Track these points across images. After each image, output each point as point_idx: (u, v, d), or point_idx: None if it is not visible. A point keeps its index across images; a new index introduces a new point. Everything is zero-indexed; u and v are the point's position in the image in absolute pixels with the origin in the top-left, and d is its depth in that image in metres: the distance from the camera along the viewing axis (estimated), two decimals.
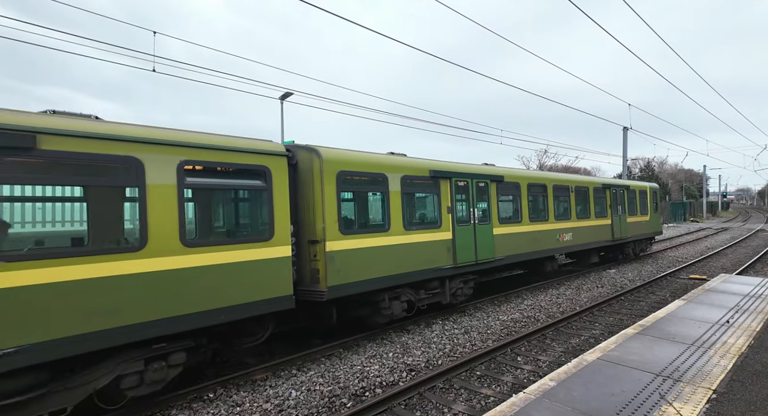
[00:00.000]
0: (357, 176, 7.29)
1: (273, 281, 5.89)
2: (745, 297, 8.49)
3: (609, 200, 14.82)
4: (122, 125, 4.92)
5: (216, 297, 5.26)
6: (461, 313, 9.43)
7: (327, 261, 6.50)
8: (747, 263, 15.85)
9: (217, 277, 5.30)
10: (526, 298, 10.81)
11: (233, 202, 6.78)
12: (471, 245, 9.10)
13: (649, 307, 9.76)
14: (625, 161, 27.25)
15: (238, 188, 6.29)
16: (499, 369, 6.42)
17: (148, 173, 4.84)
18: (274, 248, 5.94)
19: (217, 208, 6.78)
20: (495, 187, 10.05)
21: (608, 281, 12.91)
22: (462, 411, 5.08)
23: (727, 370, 4.82)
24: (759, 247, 21.35)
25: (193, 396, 5.53)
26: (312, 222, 6.66)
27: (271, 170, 6.01)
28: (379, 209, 8.00)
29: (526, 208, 10.96)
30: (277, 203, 6.04)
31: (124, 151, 4.70)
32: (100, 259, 4.43)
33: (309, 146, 6.84)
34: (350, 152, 7.42)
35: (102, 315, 4.38)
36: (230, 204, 6.82)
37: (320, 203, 6.56)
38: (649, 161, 58.90)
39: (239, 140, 5.84)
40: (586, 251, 14.24)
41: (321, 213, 6.55)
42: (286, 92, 16.44)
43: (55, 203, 5.86)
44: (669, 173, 68.27)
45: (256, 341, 6.22)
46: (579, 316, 9.02)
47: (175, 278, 4.94)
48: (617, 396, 4.23)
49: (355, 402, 5.37)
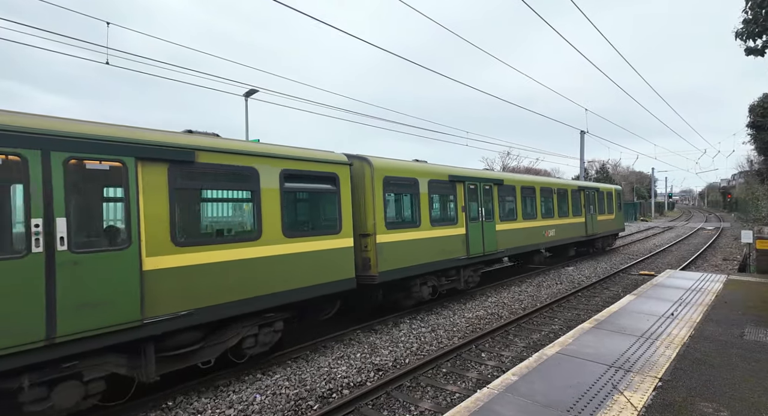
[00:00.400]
0: (397, 181, 8.66)
1: (342, 266, 7.26)
2: (687, 291, 9.15)
3: (583, 200, 16.80)
4: (245, 143, 6.43)
5: (305, 277, 6.60)
6: (428, 312, 9.58)
7: (377, 251, 7.86)
8: (689, 260, 17.12)
9: (305, 261, 6.62)
10: (490, 296, 11.13)
11: (312, 202, 7.98)
12: (480, 240, 10.65)
13: (603, 302, 10.31)
14: (583, 163, 28.61)
15: (316, 191, 7.46)
16: (465, 365, 6.57)
17: (262, 179, 6.16)
18: (342, 239, 7.30)
19: (302, 207, 7.96)
20: (497, 189, 11.69)
21: (566, 278, 13.52)
22: (428, 409, 5.16)
23: (671, 359, 5.18)
24: (699, 244, 23.09)
25: (151, 404, 5.28)
26: (363, 219, 7.97)
27: (339, 177, 7.36)
28: (412, 208, 9.24)
29: (520, 207, 12.71)
30: (343, 203, 7.39)
31: (247, 162, 6.00)
32: (238, 245, 5.79)
33: (361, 155, 8.20)
34: (391, 160, 8.84)
35: (237, 289, 5.66)
36: (310, 204, 8.00)
37: (371, 203, 7.93)
38: (604, 163, 62.30)
39: (317, 152, 7.22)
40: (565, 246, 16.16)
41: (372, 211, 7.91)
42: (251, 89, 16.02)
43: (207, 203, 6.93)
44: (622, 175, 72.35)
45: (327, 315, 7.69)
46: (540, 312, 9.39)
47: (279, 262, 6.25)
48: (574, 387, 4.44)
49: (321, 404, 5.33)
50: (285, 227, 6.39)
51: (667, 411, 3.90)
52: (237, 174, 5.93)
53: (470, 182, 10.54)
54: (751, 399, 4.13)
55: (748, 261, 13.58)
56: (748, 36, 13.15)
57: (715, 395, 4.23)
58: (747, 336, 6.06)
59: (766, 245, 12.00)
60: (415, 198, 9.10)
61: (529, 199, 13.54)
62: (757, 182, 25.16)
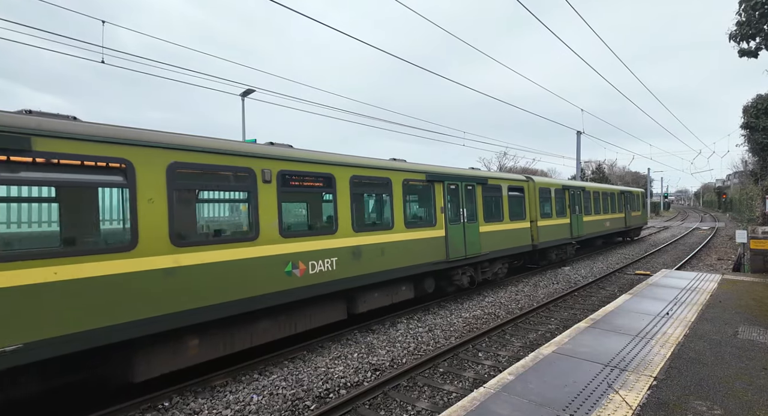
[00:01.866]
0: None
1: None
2: (682, 291, 9.22)
3: (624, 201, 23.36)
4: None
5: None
6: (425, 311, 9.59)
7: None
8: (685, 259, 17.23)
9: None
10: (487, 295, 11.16)
11: (420, 201, 10.06)
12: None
13: (599, 302, 10.37)
14: (579, 163, 28.73)
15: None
16: (462, 365, 6.59)
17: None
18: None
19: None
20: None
21: (563, 278, 13.58)
22: (425, 408, 5.18)
23: (666, 358, 5.22)
24: (695, 244, 23.24)
25: (146, 405, 5.27)
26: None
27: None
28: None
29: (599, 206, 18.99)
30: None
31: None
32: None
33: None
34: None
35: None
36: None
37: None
38: (600, 163, 62.59)
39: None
40: (610, 234, 21.75)
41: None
42: (248, 89, 15.98)
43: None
44: (618, 176, 72.72)
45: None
46: (536, 312, 9.43)
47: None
48: (570, 386, 4.47)
49: (319, 404, 5.33)
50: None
51: (662, 410, 3.93)
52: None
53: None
54: (744, 397, 4.17)
55: (743, 261, 13.68)
56: (741, 38, 13.25)
57: (708, 393, 4.27)
58: (740, 335, 6.12)
59: (759, 245, 12.10)
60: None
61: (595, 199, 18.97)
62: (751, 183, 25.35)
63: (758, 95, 15.60)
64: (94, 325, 4.45)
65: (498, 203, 12.12)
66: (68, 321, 4.30)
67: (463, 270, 10.64)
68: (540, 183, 14.26)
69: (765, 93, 15.45)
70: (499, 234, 11.84)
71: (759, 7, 12.47)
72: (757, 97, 15.56)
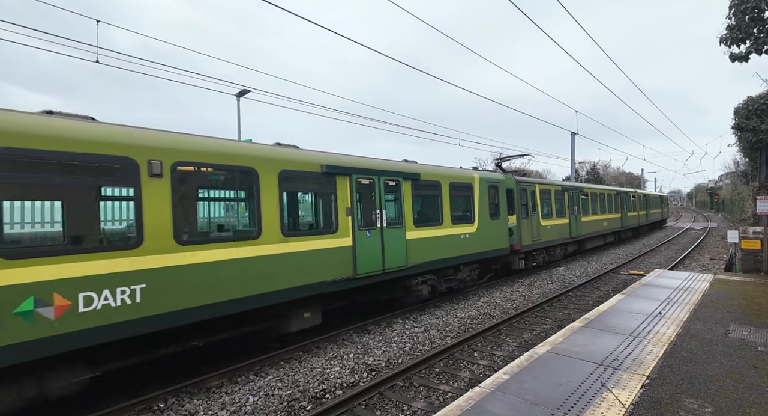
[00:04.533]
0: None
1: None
2: (675, 290, 9.32)
3: (640, 201, 27.99)
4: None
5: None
6: (421, 312, 9.62)
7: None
8: (678, 259, 17.41)
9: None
10: (482, 295, 11.22)
11: (315, 201, 9.03)
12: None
13: (593, 301, 10.46)
14: (573, 164, 28.93)
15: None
16: (457, 365, 6.63)
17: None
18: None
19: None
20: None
21: (558, 278, 13.67)
22: (421, 408, 5.20)
23: (658, 357, 5.29)
24: (688, 244, 23.48)
25: (141, 406, 5.25)
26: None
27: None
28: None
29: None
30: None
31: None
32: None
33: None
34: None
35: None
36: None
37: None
38: (594, 164, 63.02)
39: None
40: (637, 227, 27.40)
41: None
42: (243, 90, 15.94)
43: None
44: (612, 176, 73.26)
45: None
46: (531, 311, 9.49)
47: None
48: (564, 385, 4.51)
49: (314, 404, 5.34)
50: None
51: (654, 408, 3.98)
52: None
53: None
54: (734, 395, 4.24)
55: (734, 261, 13.85)
56: (732, 42, 13.41)
57: (700, 391, 4.33)
58: (731, 334, 6.20)
59: (750, 245, 12.26)
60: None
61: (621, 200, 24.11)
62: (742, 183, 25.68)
63: (749, 97, 15.81)
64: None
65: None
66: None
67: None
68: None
69: (756, 95, 15.67)
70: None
71: (749, 11, 12.63)
72: (748, 99, 15.78)
